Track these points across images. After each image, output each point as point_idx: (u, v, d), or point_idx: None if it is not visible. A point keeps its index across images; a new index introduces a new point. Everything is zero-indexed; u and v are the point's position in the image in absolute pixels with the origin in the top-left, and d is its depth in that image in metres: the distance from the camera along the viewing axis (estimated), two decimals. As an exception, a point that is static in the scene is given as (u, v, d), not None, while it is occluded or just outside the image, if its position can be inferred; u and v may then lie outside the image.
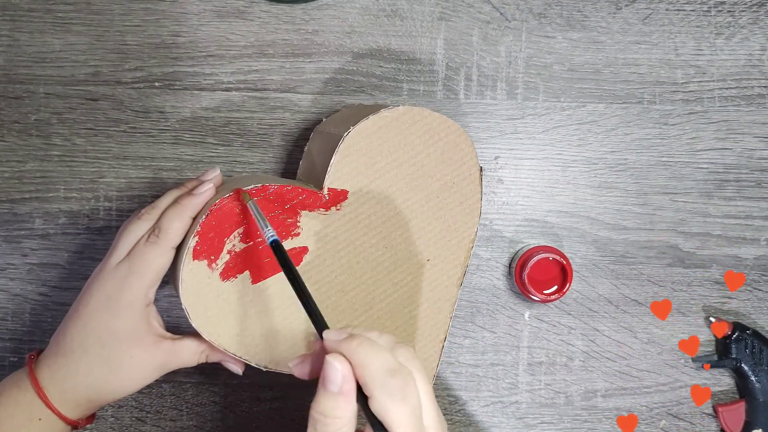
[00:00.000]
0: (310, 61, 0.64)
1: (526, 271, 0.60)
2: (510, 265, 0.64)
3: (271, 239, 0.47)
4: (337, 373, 0.38)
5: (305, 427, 0.66)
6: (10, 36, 0.64)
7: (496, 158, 0.65)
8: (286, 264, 0.46)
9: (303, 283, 0.44)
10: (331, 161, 0.53)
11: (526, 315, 0.64)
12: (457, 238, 0.57)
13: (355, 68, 0.64)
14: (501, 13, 0.64)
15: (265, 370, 0.53)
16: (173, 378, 0.64)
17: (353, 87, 0.64)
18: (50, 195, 0.64)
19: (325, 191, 0.53)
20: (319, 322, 0.42)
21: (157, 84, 0.64)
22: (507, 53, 0.64)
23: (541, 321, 0.64)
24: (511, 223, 0.65)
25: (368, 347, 0.39)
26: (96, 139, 0.64)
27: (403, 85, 0.64)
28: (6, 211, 0.64)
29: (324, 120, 0.60)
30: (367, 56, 0.64)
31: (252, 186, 0.51)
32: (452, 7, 0.64)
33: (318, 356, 0.41)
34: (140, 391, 0.63)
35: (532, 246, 0.62)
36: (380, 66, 0.64)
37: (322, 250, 0.54)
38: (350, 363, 0.38)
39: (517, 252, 0.64)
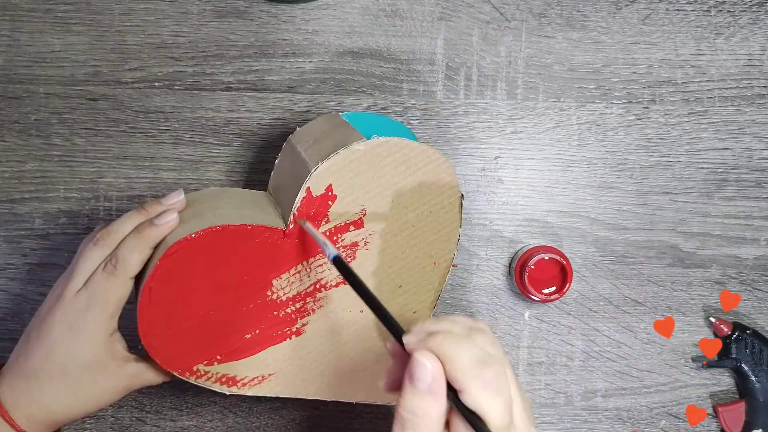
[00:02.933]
0: (310, 61, 0.64)
1: (526, 271, 0.60)
2: (510, 265, 0.64)
3: (332, 256, 0.46)
4: (427, 371, 0.37)
5: (305, 427, 0.66)
6: (10, 36, 0.64)
7: (496, 158, 0.65)
8: (353, 278, 0.45)
9: (374, 295, 0.43)
10: (297, 197, 0.50)
11: (526, 315, 0.64)
12: (432, 264, 0.55)
13: (355, 68, 0.64)
14: (501, 13, 0.64)
15: (229, 394, 0.53)
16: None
17: (353, 87, 0.64)
18: (50, 195, 0.64)
19: (291, 227, 0.51)
20: (396, 329, 0.41)
21: (157, 84, 0.64)
22: (507, 53, 0.64)
23: (541, 321, 0.64)
24: (511, 223, 0.65)
25: (453, 341, 0.38)
26: (96, 139, 0.64)
27: (403, 85, 0.64)
28: (6, 211, 0.64)
29: (297, 130, 0.57)
30: (367, 56, 0.64)
31: (203, 228, 0.49)
32: (452, 7, 0.64)
33: (398, 365, 0.41)
34: (140, 391, 0.63)
35: (532, 246, 0.62)
36: (380, 66, 0.64)
37: None
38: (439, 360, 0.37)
39: (517, 252, 0.64)
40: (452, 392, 0.37)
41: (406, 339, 0.39)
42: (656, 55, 0.64)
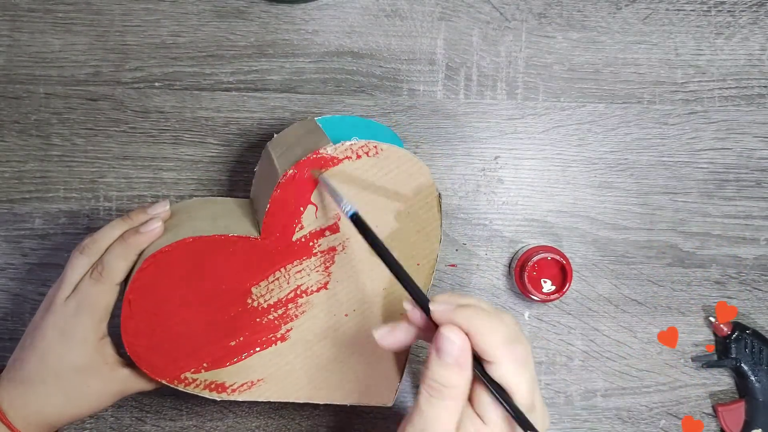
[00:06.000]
0: (310, 61, 0.64)
1: (526, 271, 0.60)
2: (510, 265, 0.64)
3: (350, 213, 0.45)
4: (454, 345, 0.38)
5: (305, 427, 0.66)
6: (10, 36, 0.64)
7: (496, 158, 0.65)
8: (372, 238, 0.44)
9: (394, 258, 0.43)
10: (267, 207, 0.50)
11: (526, 315, 0.64)
12: (415, 265, 0.55)
13: (355, 68, 0.64)
14: (501, 13, 0.64)
15: (219, 400, 0.54)
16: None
17: (353, 87, 0.64)
18: (50, 195, 0.64)
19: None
20: (419, 295, 0.41)
21: (157, 84, 0.64)
22: (507, 53, 0.64)
23: (541, 321, 0.64)
24: (511, 223, 0.65)
25: (485, 316, 0.39)
26: (96, 139, 0.64)
27: (403, 85, 0.64)
28: (6, 211, 0.64)
29: (275, 136, 0.57)
30: (367, 56, 0.64)
31: (176, 241, 0.50)
32: (452, 7, 0.64)
33: (409, 328, 0.42)
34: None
35: (532, 246, 0.62)
36: (380, 66, 0.64)
37: None
38: (466, 333, 0.38)
39: (517, 252, 0.64)
40: (479, 365, 0.39)
41: (433, 307, 0.40)
42: (656, 55, 0.64)
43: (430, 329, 0.41)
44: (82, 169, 0.64)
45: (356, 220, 0.45)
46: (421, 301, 0.41)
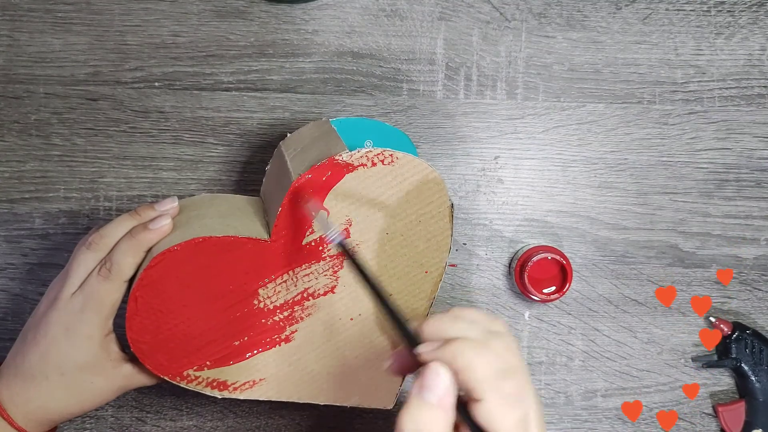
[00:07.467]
0: (310, 61, 0.64)
1: (526, 271, 0.60)
2: (510, 265, 0.64)
3: (336, 240, 0.45)
4: (441, 383, 0.35)
5: (305, 427, 0.66)
6: (10, 36, 0.64)
7: (496, 158, 0.65)
8: (360, 269, 0.43)
9: (384, 292, 0.41)
10: (279, 211, 0.50)
11: (526, 315, 0.64)
12: (423, 273, 0.55)
13: (355, 68, 0.64)
14: (501, 13, 0.64)
15: (220, 398, 0.54)
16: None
17: (353, 87, 0.64)
18: (50, 195, 0.64)
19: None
20: (407, 334, 0.38)
21: (157, 84, 0.64)
22: (507, 53, 0.64)
23: (541, 321, 0.64)
24: (511, 223, 0.65)
25: (471, 348, 0.35)
26: (96, 139, 0.64)
27: (403, 85, 0.64)
28: (6, 211, 0.64)
29: (288, 136, 0.57)
30: (367, 56, 0.64)
31: (186, 240, 0.50)
32: (452, 7, 0.64)
33: (403, 353, 0.39)
34: (140, 391, 0.63)
35: (532, 246, 0.62)
36: (380, 66, 0.64)
37: None
38: (452, 369, 0.35)
39: (517, 252, 0.64)
40: (462, 406, 0.36)
41: (420, 350, 0.37)
42: (656, 55, 0.64)
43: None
44: (82, 169, 0.64)
45: (345, 248, 0.45)
46: (410, 340, 0.38)
